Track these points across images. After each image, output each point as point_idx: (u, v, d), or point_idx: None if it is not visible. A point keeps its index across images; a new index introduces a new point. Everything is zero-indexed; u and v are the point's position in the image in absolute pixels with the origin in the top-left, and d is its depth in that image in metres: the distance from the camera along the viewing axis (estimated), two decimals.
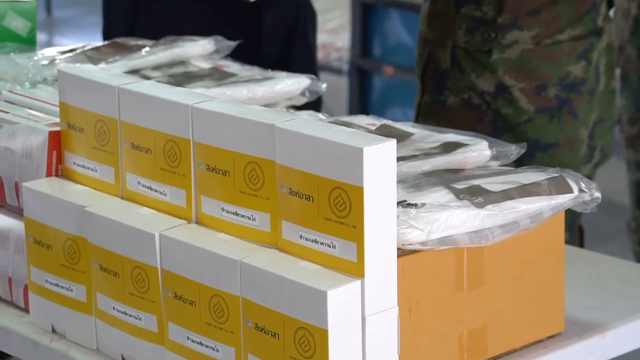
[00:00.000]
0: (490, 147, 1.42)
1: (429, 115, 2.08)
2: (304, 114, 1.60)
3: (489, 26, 2.00)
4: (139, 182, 1.36)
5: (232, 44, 1.79)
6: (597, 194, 1.36)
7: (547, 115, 2.02)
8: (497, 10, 1.99)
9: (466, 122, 2.02)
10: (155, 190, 1.35)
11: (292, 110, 1.65)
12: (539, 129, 2.02)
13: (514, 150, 1.43)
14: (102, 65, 1.68)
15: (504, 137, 2.00)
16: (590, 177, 2.08)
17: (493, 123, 2.03)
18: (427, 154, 1.39)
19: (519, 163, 1.46)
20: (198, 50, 1.77)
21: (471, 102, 2.03)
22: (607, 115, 2.10)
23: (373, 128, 1.48)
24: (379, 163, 1.17)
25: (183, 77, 1.68)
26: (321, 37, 4.01)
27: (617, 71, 2.22)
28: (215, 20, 2.29)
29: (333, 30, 4.88)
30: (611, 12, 2.10)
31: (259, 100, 1.62)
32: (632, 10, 2.82)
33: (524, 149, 1.43)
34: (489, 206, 1.28)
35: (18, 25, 1.80)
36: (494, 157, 1.42)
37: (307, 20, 2.48)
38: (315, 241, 1.21)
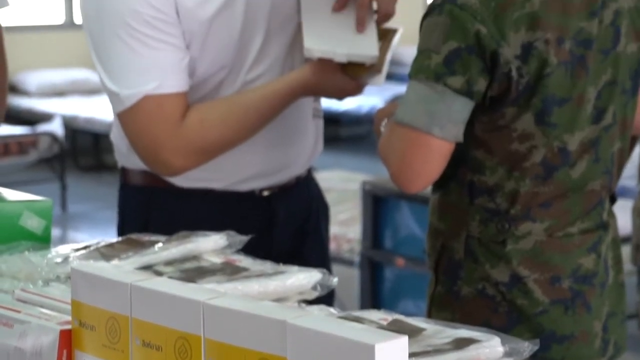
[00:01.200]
0: (503, 343, 1.41)
1: (442, 306, 2.07)
2: (316, 308, 1.59)
3: (502, 217, 2.01)
4: None
5: (244, 238, 1.80)
6: None
7: (562, 306, 2.01)
8: (510, 202, 2.01)
9: (480, 313, 2.01)
10: None
11: (303, 305, 1.65)
12: (554, 321, 2.00)
13: (527, 347, 1.41)
14: (115, 261, 1.69)
15: (520, 328, 1.98)
16: None
17: (508, 314, 2.01)
18: (439, 350, 1.38)
19: (535, 355, 1.44)
20: (210, 245, 1.78)
21: (485, 292, 2.02)
22: (618, 309, 2.09)
23: (385, 323, 1.47)
24: None
25: (195, 272, 1.68)
26: (333, 229, 4.03)
27: (627, 266, 2.22)
28: (228, 215, 2.30)
29: (344, 222, 4.90)
30: (613, 207, 2.13)
31: (271, 295, 1.62)
32: None
33: (537, 345, 1.41)
34: None
35: (33, 224, 1.81)
36: (507, 354, 1.40)
37: (319, 214, 2.49)
38: None
